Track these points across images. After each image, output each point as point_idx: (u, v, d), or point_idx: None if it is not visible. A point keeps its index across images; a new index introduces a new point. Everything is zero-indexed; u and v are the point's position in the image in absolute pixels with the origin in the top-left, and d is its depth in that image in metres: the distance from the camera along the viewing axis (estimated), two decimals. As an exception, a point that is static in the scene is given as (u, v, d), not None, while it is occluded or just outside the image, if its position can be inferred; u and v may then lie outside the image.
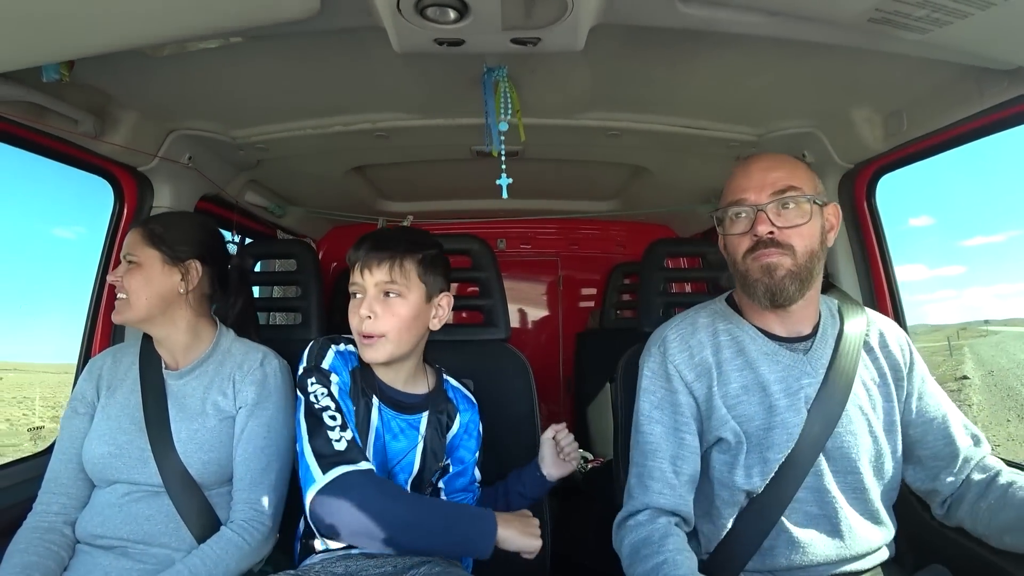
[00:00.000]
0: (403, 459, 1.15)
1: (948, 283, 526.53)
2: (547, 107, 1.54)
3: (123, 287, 1.19)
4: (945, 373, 22.42)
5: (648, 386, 1.12)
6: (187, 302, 1.24)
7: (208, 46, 1.08)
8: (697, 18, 0.98)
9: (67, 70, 1.10)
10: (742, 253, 1.04)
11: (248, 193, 2.09)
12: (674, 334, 1.13)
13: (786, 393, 1.04)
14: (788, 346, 1.08)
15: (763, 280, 1.01)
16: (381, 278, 1.06)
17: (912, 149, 1.42)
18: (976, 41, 0.97)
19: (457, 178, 2.22)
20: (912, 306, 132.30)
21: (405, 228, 1.17)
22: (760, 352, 1.07)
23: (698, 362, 1.09)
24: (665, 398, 1.09)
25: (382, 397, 1.14)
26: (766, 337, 1.08)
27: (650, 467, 1.06)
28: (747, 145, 1.72)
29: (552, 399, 2.98)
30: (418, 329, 1.12)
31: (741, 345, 1.08)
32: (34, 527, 1.14)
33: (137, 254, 1.20)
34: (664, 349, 1.12)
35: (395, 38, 1.00)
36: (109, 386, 1.24)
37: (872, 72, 1.25)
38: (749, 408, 1.04)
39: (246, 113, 1.57)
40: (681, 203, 2.46)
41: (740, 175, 1.06)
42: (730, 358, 1.08)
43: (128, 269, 1.20)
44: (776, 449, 1.02)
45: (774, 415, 1.03)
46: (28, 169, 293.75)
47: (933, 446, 1.08)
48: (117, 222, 1.61)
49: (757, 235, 1.01)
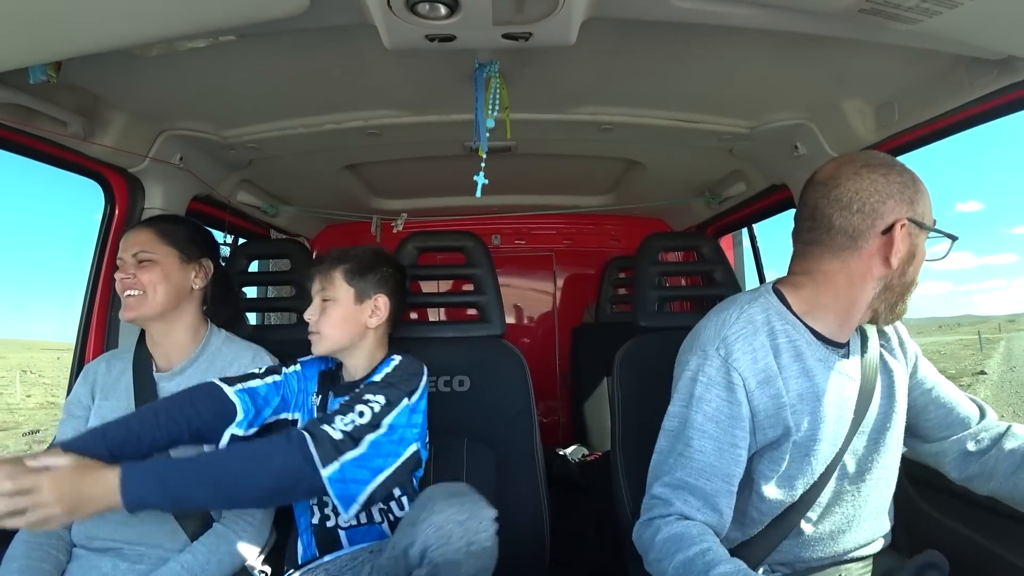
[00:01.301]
0: None
1: (998, 272, 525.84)
2: (540, 102, 1.54)
3: (138, 283, 1.22)
4: (964, 368, 22.31)
5: (703, 394, 0.97)
6: (194, 299, 1.30)
7: (197, 45, 1.07)
8: (689, 11, 0.98)
9: (54, 71, 1.09)
10: (917, 275, 1.00)
11: (240, 193, 2.08)
12: (735, 335, 0.98)
13: (836, 403, 0.99)
14: (835, 350, 1.02)
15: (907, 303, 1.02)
16: (317, 287, 1.25)
17: (904, 139, 1.43)
18: (966, 31, 0.97)
19: (450, 174, 2.21)
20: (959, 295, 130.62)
21: (346, 247, 1.30)
22: (815, 358, 1.00)
23: (762, 367, 0.97)
24: (723, 409, 0.96)
25: (336, 389, 1.25)
26: (818, 340, 1.01)
27: (693, 485, 0.95)
28: (739, 138, 1.73)
29: (549, 394, 2.98)
30: (351, 328, 1.23)
31: (799, 350, 1.00)
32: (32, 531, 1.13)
33: (154, 251, 1.25)
34: (727, 354, 0.97)
35: (386, 35, 1.00)
36: (103, 390, 1.26)
37: (863, 63, 1.25)
38: (800, 418, 0.97)
39: (237, 112, 1.56)
40: (675, 197, 2.47)
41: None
42: (788, 364, 0.99)
43: (141, 266, 1.23)
44: (821, 461, 0.99)
45: (823, 426, 0.98)
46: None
47: (937, 413, 1.09)
48: (108, 224, 1.60)
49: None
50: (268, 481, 0.99)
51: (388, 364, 1.20)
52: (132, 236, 1.27)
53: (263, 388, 1.21)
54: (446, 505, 0.94)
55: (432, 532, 0.91)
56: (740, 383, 0.96)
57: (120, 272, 1.24)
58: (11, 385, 22.52)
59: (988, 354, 27.01)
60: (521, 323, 3.14)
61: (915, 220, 0.94)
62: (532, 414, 1.45)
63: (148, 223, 1.32)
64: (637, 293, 1.57)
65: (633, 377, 1.38)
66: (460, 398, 1.30)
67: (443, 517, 0.92)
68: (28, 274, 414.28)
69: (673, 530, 0.92)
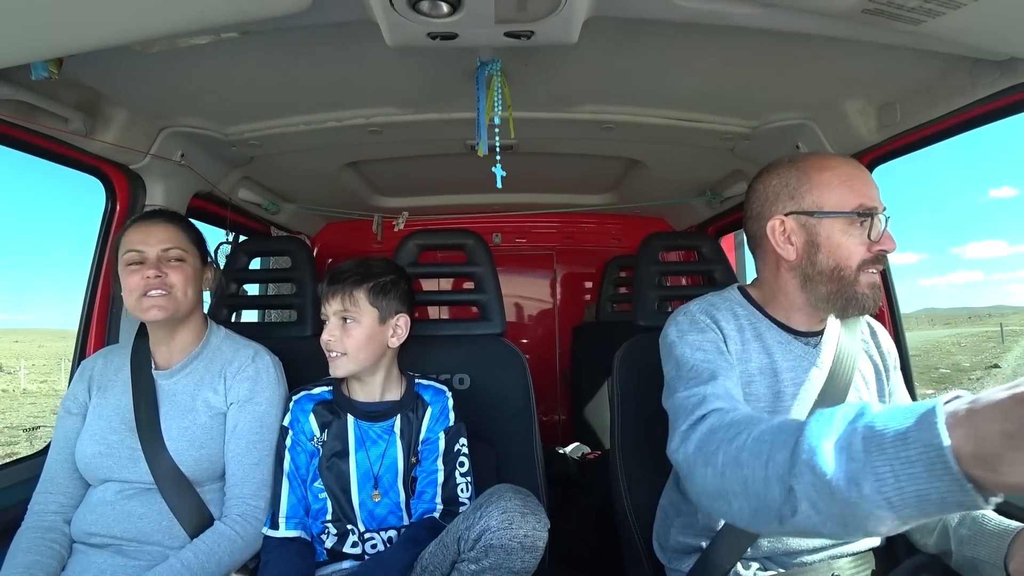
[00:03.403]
0: (385, 461, 1.21)
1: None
2: (541, 100, 1.53)
3: (167, 283, 1.20)
4: (979, 362, 22.18)
5: (679, 339, 1.03)
6: (202, 299, 1.31)
7: (199, 42, 1.07)
8: (691, 10, 0.98)
9: (56, 68, 1.09)
10: (859, 262, 0.98)
11: (241, 190, 2.08)
12: (697, 306, 1.08)
13: (794, 382, 1.04)
14: (801, 339, 1.08)
15: (872, 297, 0.99)
16: (337, 307, 1.21)
17: (905, 140, 1.43)
18: (968, 31, 0.97)
19: (452, 173, 2.22)
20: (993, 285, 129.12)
21: (363, 261, 1.26)
22: (776, 340, 1.07)
23: (725, 328, 1.05)
24: (704, 344, 1.01)
25: (355, 412, 1.24)
26: (777, 327, 1.08)
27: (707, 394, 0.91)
28: (741, 137, 1.73)
29: (549, 393, 2.99)
30: (375, 348, 1.22)
31: (759, 331, 1.07)
32: (34, 527, 1.14)
33: (187, 249, 1.24)
34: (691, 315, 1.06)
35: (388, 32, 1.00)
36: (100, 387, 1.25)
37: (866, 64, 1.25)
38: (760, 389, 1.04)
39: (238, 109, 1.56)
40: (676, 196, 2.47)
41: (860, 179, 0.99)
42: (750, 339, 1.06)
43: (173, 265, 1.21)
44: None
45: (780, 401, 1.03)
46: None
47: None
48: (109, 221, 1.60)
49: (884, 249, 0.98)
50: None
51: (445, 398, 1.28)
52: (157, 230, 1.22)
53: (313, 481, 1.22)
54: (514, 496, 1.02)
55: (497, 515, 0.98)
56: (711, 327, 1.04)
57: (144, 268, 1.18)
58: (54, 372, 22.99)
59: (1009, 347, 26.73)
60: (521, 321, 3.14)
61: (800, 211, 1.00)
62: (532, 412, 1.45)
63: (170, 217, 1.27)
64: (637, 292, 1.57)
65: (633, 376, 1.38)
66: (460, 396, 1.30)
67: (511, 504, 1.00)
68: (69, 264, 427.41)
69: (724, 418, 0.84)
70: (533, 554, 0.99)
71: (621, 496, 1.31)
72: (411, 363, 1.35)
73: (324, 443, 1.22)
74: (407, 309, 1.27)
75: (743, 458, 0.70)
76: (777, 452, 0.65)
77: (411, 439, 1.24)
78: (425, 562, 1.07)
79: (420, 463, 1.23)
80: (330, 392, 1.26)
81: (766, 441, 0.68)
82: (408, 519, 1.21)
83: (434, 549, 1.07)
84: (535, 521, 1.00)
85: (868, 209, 0.97)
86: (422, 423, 1.25)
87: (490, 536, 0.97)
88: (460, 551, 1.01)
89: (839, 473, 0.56)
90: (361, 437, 1.22)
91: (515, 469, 1.39)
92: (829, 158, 1.04)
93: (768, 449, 0.67)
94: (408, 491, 1.22)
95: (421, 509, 1.20)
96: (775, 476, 0.64)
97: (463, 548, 1.00)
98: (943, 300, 45.92)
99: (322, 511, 1.20)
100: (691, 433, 0.86)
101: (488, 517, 0.99)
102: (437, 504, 1.21)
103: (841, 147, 1.56)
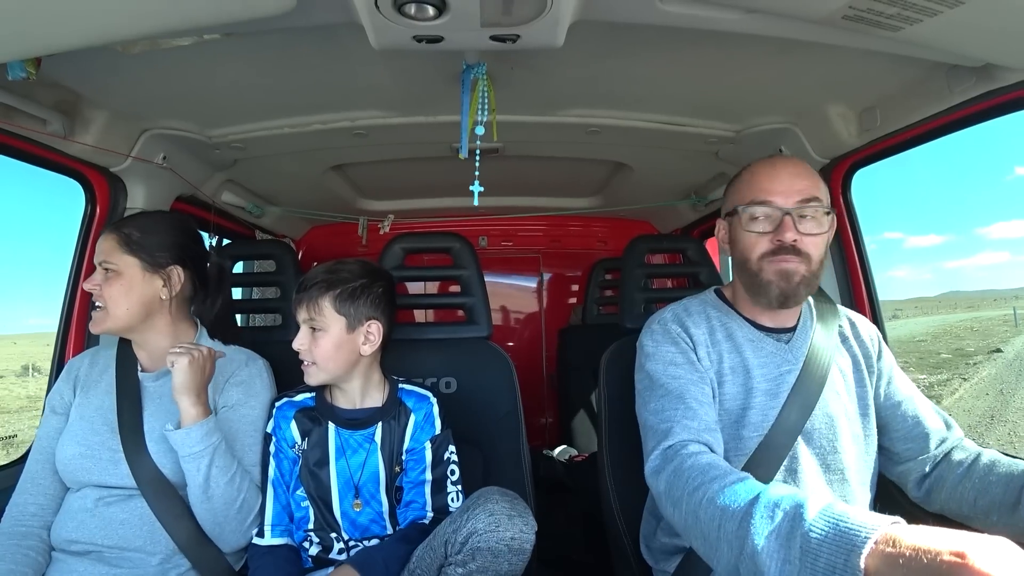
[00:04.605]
0: (365, 471, 1.20)
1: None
2: (527, 104, 1.54)
3: (100, 296, 1.16)
4: (984, 346, 22.25)
5: (653, 352, 1.10)
6: (168, 308, 1.23)
7: (181, 43, 1.05)
8: (676, 15, 0.99)
9: (34, 68, 1.07)
10: (759, 254, 1.05)
11: (225, 193, 2.06)
12: (670, 313, 1.15)
13: (766, 378, 1.07)
14: (773, 336, 1.11)
15: (779, 284, 1.03)
16: (304, 316, 1.18)
17: (885, 144, 1.46)
18: (945, 38, 0.99)
19: (437, 176, 2.21)
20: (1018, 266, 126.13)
21: (332, 266, 1.21)
22: (746, 339, 1.11)
23: (695, 335, 1.10)
24: (677, 356, 1.08)
25: (335, 419, 1.22)
26: (752, 326, 1.12)
27: (679, 412, 1.00)
28: (725, 141, 1.75)
29: (535, 396, 2.99)
30: (345, 356, 1.19)
31: (730, 331, 1.12)
32: (10, 532, 1.11)
33: (115, 261, 1.17)
34: (664, 324, 1.13)
35: (373, 35, 0.99)
36: (84, 387, 1.23)
37: (847, 69, 1.27)
38: (732, 388, 1.07)
39: (222, 112, 1.54)
40: (661, 199, 2.49)
41: (765, 175, 1.05)
42: (721, 340, 1.11)
43: (106, 277, 1.17)
44: (751, 428, 1.04)
45: (752, 397, 1.06)
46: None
47: (902, 427, 1.12)
48: (89, 224, 1.57)
49: (782, 240, 1.02)
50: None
51: (429, 405, 1.26)
52: (100, 241, 1.19)
53: (295, 488, 1.20)
54: (501, 498, 1.02)
55: (484, 517, 0.98)
56: (682, 338, 1.10)
57: (88, 281, 1.18)
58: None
59: (1021, 331, 26.85)
60: (508, 324, 3.14)
61: (725, 213, 1.13)
62: (519, 415, 1.45)
63: (115, 227, 1.21)
64: (623, 295, 1.58)
65: (619, 378, 1.38)
66: (447, 400, 1.30)
67: (498, 507, 0.99)
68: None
69: (699, 460, 0.90)
70: (520, 556, 0.99)
71: (608, 498, 1.32)
72: (397, 366, 1.34)
73: (304, 451, 1.20)
74: (381, 314, 1.22)
75: (700, 515, 0.80)
76: (727, 522, 0.74)
77: (393, 448, 1.21)
78: (412, 565, 1.06)
79: (405, 472, 1.21)
80: (313, 399, 1.24)
81: (718, 505, 0.77)
82: (392, 528, 1.20)
83: (421, 552, 1.06)
84: (522, 523, 1.00)
85: (760, 202, 1.04)
86: (405, 431, 1.23)
87: (477, 539, 0.97)
88: (447, 554, 1.00)
89: (776, 570, 0.66)
90: (341, 445, 1.20)
91: (502, 472, 1.39)
92: (760, 161, 1.10)
93: (720, 516, 0.76)
94: (392, 500, 1.20)
95: (411, 516, 1.19)
96: (724, 540, 0.74)
97: (450, 551, 1.00)
98: (969, 283, 47.55)
99: (304, 519, 1.18)
100: (662, 466, 0.94)
101: (475, 520, 0.98)
102: (428, 512, 1.19)
103: (823, 151, 1.59)
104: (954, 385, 15.53)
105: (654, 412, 1.03)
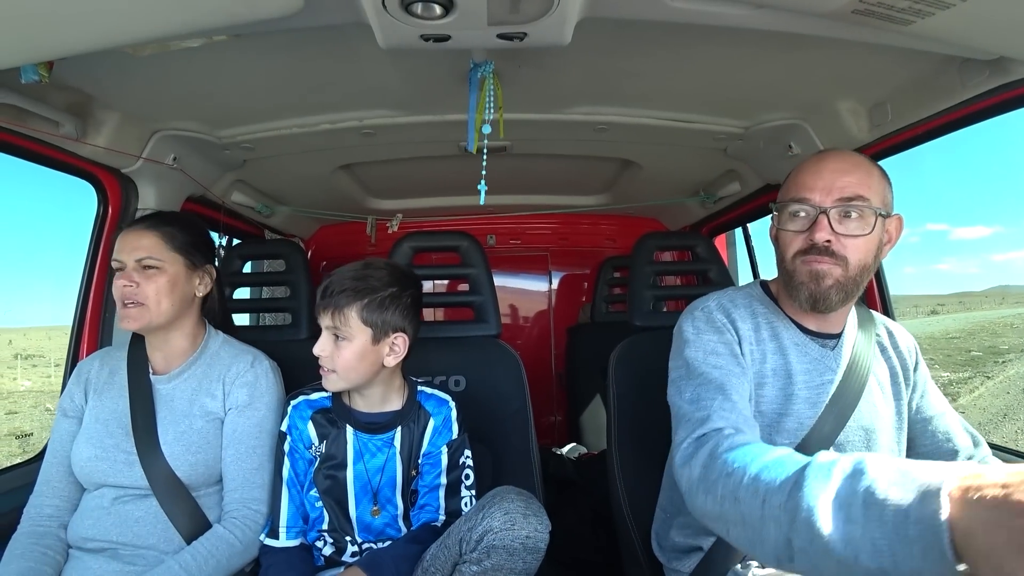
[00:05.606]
0: (384, 475, 1.19)
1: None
2: (534, 102, 1.54)
3: (141, 293, 1.16)
4: (1019, 344, 21.53)
5: (694, 339, 1.03)
6: (197, 306, 1.27)
7: (190, 45, 1.06)
8: (684, 11, 0.99)
9: (46, 71, 1.08)
10: (793, 252, 1.00)
11: (234, 193, 2.07)
12: (715, 302, 1.08)
13: (808, 386, 1.03)
14: (818, 341, 1.06)
15: (808, 285, 0.98)
16: (328, 323, 1.13)
17: (896, 139, 1.44)
18: (957, 32, 0.98)
19: (446, 174, 2.22)
20: None
21: (361, 271, 1.14)
22: (792, 342, 1.05)
23: (740, 329, 1.05)
24: (720, 347, 1.02)
25: (354, 423, 1.20)
26: (798, 329, 1.07)
27: (716, 401, 0.93)
28: (734, 137, 1.74)
29: (544, 394, 2.99)
30: (367, 367, 1.14)
31: (776, 331, 1.06)
32: (29, 532, 1.13)
33: (160, 258, 1.18)
34: (708, 312, 1.06)
35: (380, 34, 1.00)
36: (96, 390, 1.24)
37: (857, 64, 1.25)
38: (772, 391, 1.03)
39: (231, 112, 1.55)
40: (670, 196, 2.48)
41: (809, 172, 1.00)
42: (767, 339, 1.05)
43: (145, 275, 1.17)
44: (785, 435, 1.01)
45: (791, 404, 1.02)
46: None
47: (931, 443, 1.08)
48: (101, 225, 1.59)
49: (813, 240, 0.97)
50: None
51: (448, 409, 1.24)
52: (134, 238, 1.18)
53: (309, 490, 1.20)
54: (517, 497, 1.02)
55: (500, 516, 0.98)
56: (727, 328, 1.04)
57: (121, 277, 1.16)
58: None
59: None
60: (517, 323, 3.14)
61: (775, 207, 1.06)
62: (528, 413, 1.45)
63: (153, 224, 1.21)
64: (632, 293, 1.57)
65: (629, 376, 1.38)
66: (456, 398, 1.30)
67: (513, 506, 1.00)
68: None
69: (735, 440, 0.84)
70: (535, 555, 0.99)
71: (618, 496, 1.31)
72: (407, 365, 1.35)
73: (322, 453, 1.19)
74: (408, 325, 1.16)
75: (740, 495, 0.71)
76: (773, 495, 0.66)
77: (411, 451, 1.20)
78: (426, 563, 1.07)
79: (421, 476, 1.21)
80: (329, 399, 1.21)
81: (763, 480, 0.69)
82: (406, 530, 1.20)
83: (435, 550, 1.06)
84: (537, 522, 1.00)
85: (798, 199, 0.99)
86: (424, 435, 1.21)
87: (492, 537, 0.97)
88: (462, 552, 1.00)
89: (836, 534, 0.56)
90: (360, 449, 1.18)
91: (512, 470, 1.39)
92: (814, 154, 1.05)
93: (764, 491, 0.67)
94: (407, 503, 1.20)
95: (424, 519, 1.18)
96: (771, 517, 0.65)
97: (465, 549, 1.00)
98: (1020, 277, 44.03)
99: (318, 520, 1.18)
100: (694, 452, 0.86)
101: (491, 518, 0.99)
102: (440, 516, 1.19)
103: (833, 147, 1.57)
104: (975, 383, 15.19)
105: (690, 401, 0.96)
